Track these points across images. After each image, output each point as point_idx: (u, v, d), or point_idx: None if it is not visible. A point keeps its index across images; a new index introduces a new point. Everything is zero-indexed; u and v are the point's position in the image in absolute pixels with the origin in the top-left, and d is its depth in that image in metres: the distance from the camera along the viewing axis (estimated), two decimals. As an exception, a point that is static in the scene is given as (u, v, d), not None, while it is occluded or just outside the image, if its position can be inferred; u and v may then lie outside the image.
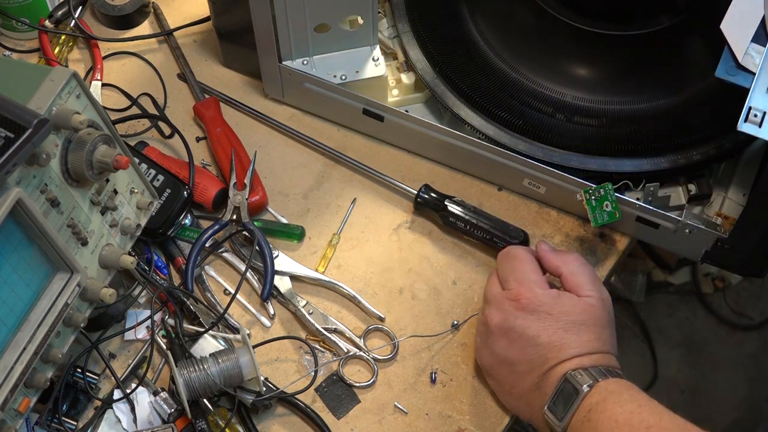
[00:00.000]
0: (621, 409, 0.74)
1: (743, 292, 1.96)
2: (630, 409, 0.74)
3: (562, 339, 0.81)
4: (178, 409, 0.87)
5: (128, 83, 1.11)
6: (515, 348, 0.83)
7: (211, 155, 1.05)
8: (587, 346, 0.81)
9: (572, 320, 0.82)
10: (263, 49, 1.01)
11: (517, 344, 0.83)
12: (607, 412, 0.75)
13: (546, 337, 0.81)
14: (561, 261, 0.87)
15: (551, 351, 0.81)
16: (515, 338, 0.83)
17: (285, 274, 0.96)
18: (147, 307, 0.94)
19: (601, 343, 0.82)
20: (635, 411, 0.74)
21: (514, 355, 0.83)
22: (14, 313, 0.74)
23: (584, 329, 0.82)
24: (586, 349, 0.81)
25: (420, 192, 0.99)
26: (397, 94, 1.06)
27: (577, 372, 0.79)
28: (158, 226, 0.95)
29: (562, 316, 0.82)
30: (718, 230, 0.91)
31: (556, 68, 1.01)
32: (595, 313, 0.83)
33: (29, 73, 0.76)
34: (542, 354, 0.81)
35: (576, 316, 0.82)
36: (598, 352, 0.81)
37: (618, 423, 0.74)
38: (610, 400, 0.76)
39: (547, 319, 0.82)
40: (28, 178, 0.72)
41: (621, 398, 0.76)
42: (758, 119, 0.79)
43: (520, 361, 0.83)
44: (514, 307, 0.84)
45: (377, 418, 0.90)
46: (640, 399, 0.76)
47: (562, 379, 0.79)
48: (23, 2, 1.11)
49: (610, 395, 0.76)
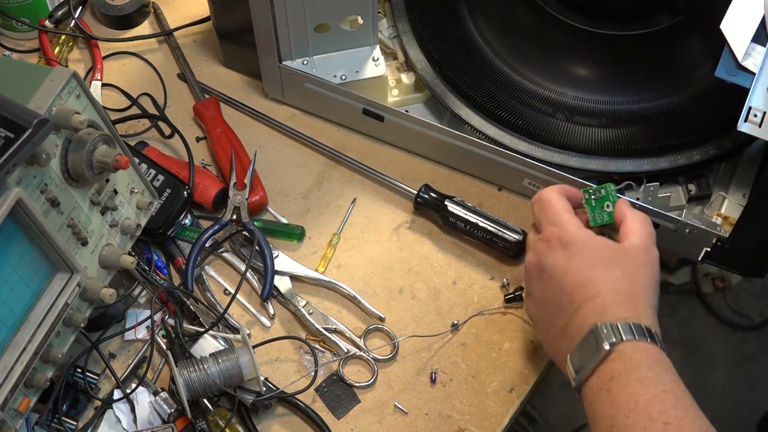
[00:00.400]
0: (644, 390, 0.69)
1: (743, 292, 1.96)
2: (653, 393, 0.69)
3: (588, 276, 0.77)
4: (178, 409, 0.87)
5: (128, 83, 1.11)
6: (547, 289, 0.81)
7: (211, 155, 1.05)
8: (613, 284, 0.76)
9: (601, 258, 0.78)
10: (263, 49, 1.01)
11: (548, 285, 0.80)
12: (629, 389, 0.70)
13: (572, 276, 0.78)
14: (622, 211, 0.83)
15: (577, 289, 0.77)
16: (546, 279, 0.80)
17: (285, 274, 0.96)
18: (147, 307, 0.94)
19: (632, 286, 0.76)
20: (658, 397, 0.69)
21: (547, 296, 0.81)
22: (14, 313, 0.74)
23: (613, 267, 0.77)
24: (611, 287, 0.76)
25: (420, 192, 0.99)
26: (397, 94, 1.06)
27: (604, 325, 0.73)
28: (158, 226, 0.95)
29: (592, 254, 0.78)
30: (718, 230, 0.91)
31: (556, 68, 1.01)
32: (631, 258, 0.78)
33: (29, 73, 0.76)
34: (569, 292, 0.78)
35: (607, 255, 0.78)
36: (626, 295, 0.76)
37: (637, 405, 0.69)
38: (634, 375, 0.70)
39: (576, 256, 0.79)
40: (28, 178, 0.72)
41: (646, 375, 0.70)
42: (758, 119, 0.79)
43: (551, 302, 0.80)
44: (545, 248, 0.81)
45: (377, 418, 0.90)
46: (666, 381, 0.70)
47: (588, 330, 0.74)
48: (23, 2, 1.11)
49: (634, 369, 0.71)
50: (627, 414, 0.69)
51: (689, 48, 1.00)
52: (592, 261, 0.78)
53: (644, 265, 0.79)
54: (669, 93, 0.99)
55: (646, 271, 0.79)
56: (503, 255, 0.97)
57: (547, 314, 0.81)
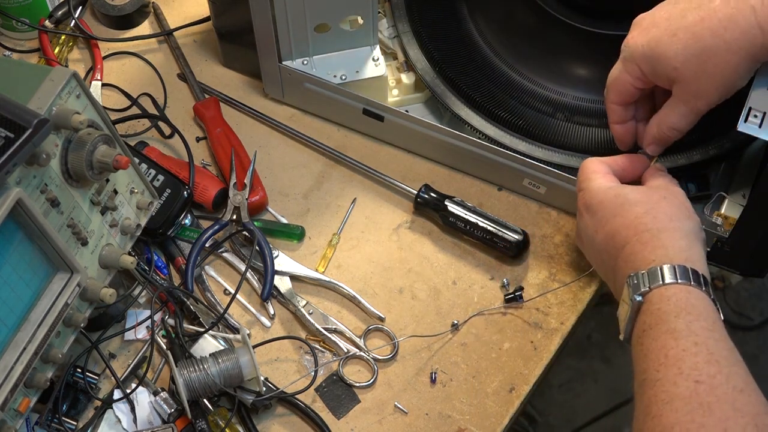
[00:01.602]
0: (674, 343, 0.67)
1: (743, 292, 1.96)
2: (684, 346, 0.66)
3: (613, 227, 0.77)
4: (178, 409, 0.87)
5: (128, 83, 1.11)
6: (591, 253, 0.82)
7: (211, 155, 1.05)
8: (636, 226, 0.75)
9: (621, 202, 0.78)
10: (263, 49, 1.01)
11: (590, 249, 0.82)
12: (659, 342, 0.68)
13: (601, 232, 0.78)
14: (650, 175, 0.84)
15: (609, 243, 0.77)
16: (587, 244, 0.82)
17: (285, 274, 0.96)
18: (147, 307, 0.94)
19: (656, 220, 0.75)
20: (690, 350, 0.66)
21: (594, 259, 0.82)
22: (14, 313, 0.74)
23: (632, 207, 0.77)
24: (634, 230, 0.75)
25: (420, 192, 0.99)
26: (397, 94, 1.06)
27: (634, 275, 0.72)
28: (158, 226, 0.95)
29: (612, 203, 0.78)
30: (718, 230, 0.91)
31: (556, 68, 1.01)
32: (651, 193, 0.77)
33: (29, 73, 0.76)
34: (604, 250, 0.78)
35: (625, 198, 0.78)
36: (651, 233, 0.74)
37: (667, 359, 0.66)
38: (663, 328, 0.68)
39: (598, 211, 0.79)
40: (28, 178, 0.72)
41: (675, 327, 0.67)
42: (758, 119, 0.79)
43: (598, 263, 0.81)
44: (578, 216, 0.83)
45: (377, 418, 0.90)
46: (697, 330, 0.67)
47: (625, 284, 0.73)
48: (23, 2, 1.11)
49: (663, 321, 0.68)
50: (657, 368, 0.67)
51: (689, 48, 1.00)
52: (614, 210, 0.78)
53: (666, 198, 0.78)
54: (669, 93, 0.99)
55: (670, 203, 0.77)
56: (503, 255, 0.97)
57: (605, 276, 0.81)
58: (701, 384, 0.64)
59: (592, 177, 0.83)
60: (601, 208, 0.79)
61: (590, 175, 0.83)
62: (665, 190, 0.79)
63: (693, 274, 0.71)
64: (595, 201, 0.80)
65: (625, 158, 0.86)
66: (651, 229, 0.74)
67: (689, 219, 0.77)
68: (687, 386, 0.64)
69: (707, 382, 0.64)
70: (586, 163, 0.85)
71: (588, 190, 0.81)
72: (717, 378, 0.64)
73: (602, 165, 0.84)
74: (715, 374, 0.65)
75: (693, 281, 0.70)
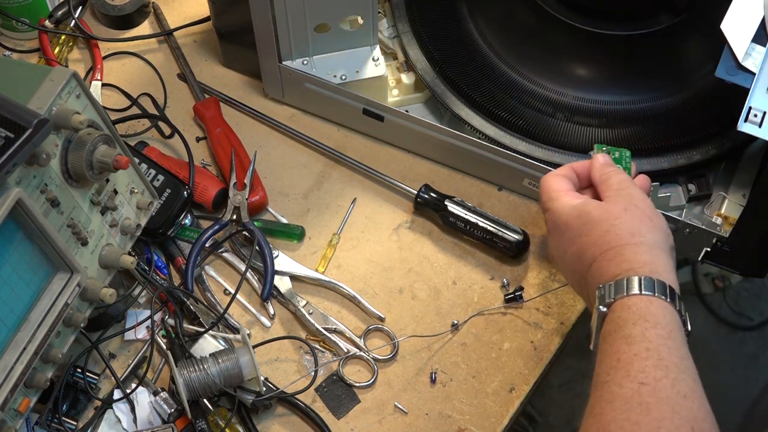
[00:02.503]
0: (627, 348, 0.68)
1: (743, 292, 1.96)
2: (636, 351, 0.67)
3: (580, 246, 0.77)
4: (178, 409, 0.87)
5: (128, 83, 1.11)
6: (565, 272, 0.82)
7: (211, 155, 1.05)
8: (600, 245, 0.75)
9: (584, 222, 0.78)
10: (263, 49, 1.01)
11: (562, 267, 0.82)
12: (614, 347, 0.69)
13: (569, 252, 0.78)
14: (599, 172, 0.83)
15: (577, 262, 0.77)
16: (559, 263, 0.82)
17: (285, 274, 0.96)
18: (147, 307, 0.94)
19: (618, 237, 0.75)
20: (641, 355, 0.67)
21: (568, 277, 0.82)
22: (14, 313, 0.74)
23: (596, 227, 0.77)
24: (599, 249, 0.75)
25: (420, 192, 0.99)
26: (397, 94, 1.06)
27: (600, 289, 0.73)
28: (158, 226, 0.95)
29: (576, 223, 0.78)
30: (718, 230, 0.91)
31: (556, 68, 1.01)
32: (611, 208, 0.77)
33: (29, 73, 0.76)
34: (574, 270, 0.79)
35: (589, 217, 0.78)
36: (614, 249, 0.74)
37: (618, 363, 0.67)
38: (620, 334, 0.69)
39: (566, 232, 0.79)
40: (28, 178, 0.72)
41: (631, 333, 0.69)
42: (758, 119, 0.79)
43: (572, 282, 0.81)
44: (548, 235, 0.83)
45: (377, 418, 0.90)
46: (652, 337, 0.68)
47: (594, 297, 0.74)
48: (23, 2, 1.11)
49: (621, 328, 0.69)
50: (607, 371, 0.68)
51: (689, 48, 1.00)
52: (579, 230, 0.78)
53: (627, 210, 0.77)
54: (669, 93, 0.99)
55: (631, 214, 0.77)
56: (503, 255, 0.97)
57: (579, 291, 0.81)
58: (645, 386, 0.65)
59: (555, 196, 0.82)
60: (567, 229, 0.79)
61: (553, 195, 0.82)
62: (626, 200, 0.78)
63: (658, 284, 0.71)
64: (561, 222, 0.80)
65: (579, 165, 0.85)
66: (615, 247, 0.75)
67: (652, 231, 0.76)
68: (631, 387, 0.65)
69: (651, 384, 0.65)
70: (547, 181, 0.84)
71: (553, 211, 0.81)
72: (662, 381, 0.65)
73: (562, 181, 0.83)
74: (661, 378, 0.65)
75: (657, 292, 0.71)
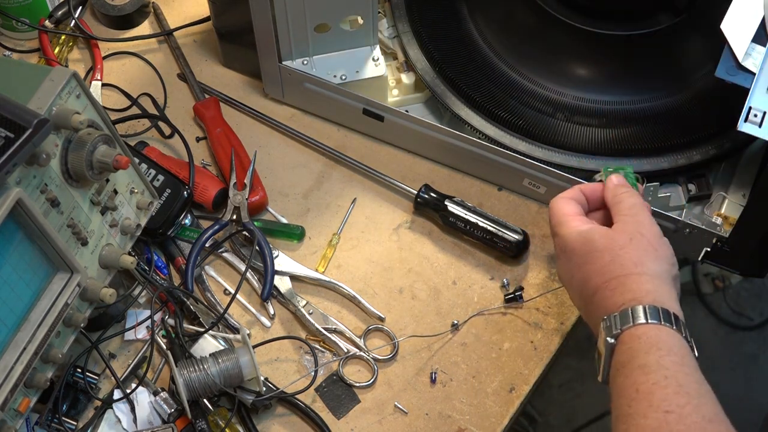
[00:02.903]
0: (644, 378, 0.68)
1: (743, 292, 1.96)
2: (654, 380, 0.67)
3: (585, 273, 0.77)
4: (178, 409, 0.87)
5: (128, 83, 1.11)
6: (573, 297, 0.82)
7: (211, 155, 1.05)
8: (604, 275, 0.75)
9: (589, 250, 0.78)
10: (263, 49, 1.01)
11: (571, 292, 0.81)
12: (631, 378, 0.69)
13: (577, 277, 0.78)
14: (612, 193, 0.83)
15: (583, 289, 0.77)
16: (568, 288, 0.82)
17: (285, 274, 0.96)
18: (147, 307, 0.94)
19: (622, 267, 0.75)
20: (660, 383, 0.67)
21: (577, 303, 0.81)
22: (14, 313, 0.74)
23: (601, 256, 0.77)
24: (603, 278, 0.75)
25: (420, 192, 0.99)
26: (397, 94, 1.06)
27: (605, 320, 0.73)
28: (158, 226, 0.95)
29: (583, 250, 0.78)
30: (718, 230, 0.91)
31: (556, 68, 1.01)
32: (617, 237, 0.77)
33: (29, 73, 0.76)
34: (581, 296, 0.78)
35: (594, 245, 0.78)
36: (618, 280, 0.74)
37: (638, 394, 0.67)
38: (635, 364, 0.69)
39: (573, 257, 0.79)
40: (28, 178, 0.72)
41: (646, 362, 0.69)
42: (758, 119, 0.79)
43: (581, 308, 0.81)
44: (557, 259, 0.83)
45: (377, 418, 0.90)
46: (668, 365, 0.68)
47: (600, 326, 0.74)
48: (23, 2, 1.11)
49: (634, 358, 0.69)
50: (629, 403, 0.68)
51: (689, 48, 1.00)
52: (584, 257, 0.78)
53: (633, 239, 0.77)
54: (669, 93, 0.99)
55: (636, 244, 0.77)
56: (503, 255, 0.97)
57: (585, 315, 0.80)
58: (671, 414, 0.65)
59: (563, 221, 0.82)
60: (574, 255, 0.79)
61: (561, 219, 0.82)
62: (633, 227, 0.78)
63: (663, 313, 0.72)
64: (568, 247, 0.80)
65: (589, 187, 0.85)
66: (618, 276, 0.75)
67: (656, 261, 0.76)
68: (656, 417, 0.66)
69: (676, 411, 0.65)
70: (555, 205, 0.84)
71: (561, 236, 0.81)
72: (686, 408, 0.66)
73: (571, 205, 0.83)
74: (684, 405, 0.66)
75: (663, 320, 0.71)
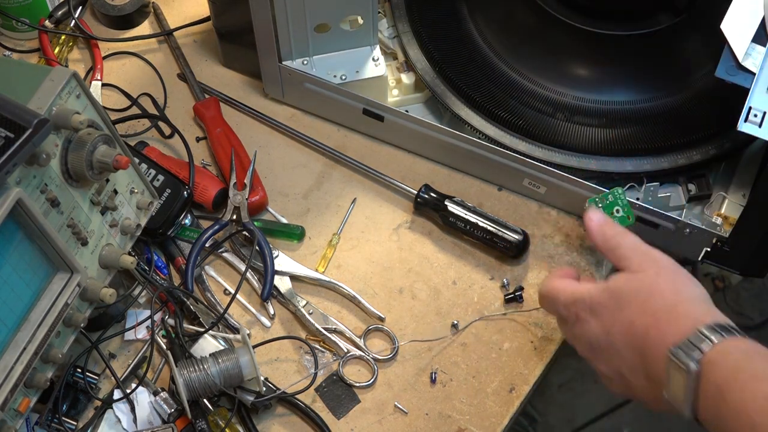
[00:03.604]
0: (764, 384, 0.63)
1: (743, 292, 1.96)
2: None
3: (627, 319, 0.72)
4: (178, 409, 0.87)
5: (128, 83, 1.11)
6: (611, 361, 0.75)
7: (211, 155, 1.05)
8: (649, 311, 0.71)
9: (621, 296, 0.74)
10: (263, 49, 1.01)
11: (608, 356, 0.75)
12: (748, 391, 0.63)
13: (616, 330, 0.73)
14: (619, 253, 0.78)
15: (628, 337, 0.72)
16: (602, 352, 0.76)
17: (285, 274, 0.96)
18: (147, 307, 0.94)
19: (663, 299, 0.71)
20: None
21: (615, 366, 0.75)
22: (14, 313, 0.74)
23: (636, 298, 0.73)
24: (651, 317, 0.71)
25: (420, 192, 0.99)
26: (397, 94, 1.06)
27: (677, 348, 0.67)
28: (158, 226, 0.95)
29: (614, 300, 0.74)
30: (718, 230, 0.91)
31: (556, 68, 1.01)
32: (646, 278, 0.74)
33: (29, 73, 0.76)
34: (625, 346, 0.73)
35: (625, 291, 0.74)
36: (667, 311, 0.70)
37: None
38: (742, 376, 0.64)
39: (605, 312, 0.74)
40: (28, 178, 0.72)
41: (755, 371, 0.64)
42: (758, 119, 0.79)
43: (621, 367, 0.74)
44: (580, 329, 0.77)
45: (377, 418, 0.90)
46: None
47: (666, 363, 0.68)
48: (23, 2, 1.11)
49: (738, 370, 0.65)
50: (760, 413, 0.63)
51: (689, 48, 1.00)
52: (617, 305, 0.74)
53: (659, 273, 0.74)
54: (669, 93, 0.99)
55: (665, 276, 0.74)
56: (503, 255, 0.97)
57: (629, 381, 0.75)
58: None
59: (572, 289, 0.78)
60: (604, 309, 0.75)
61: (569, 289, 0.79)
62: (652, 263, 0.75)
63: (728, 327, 0.69)
64: (595, 305, 0.76)
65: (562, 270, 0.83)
66: (666, 309, 0.72)
67: (689, 285, 0.74)
68: None
69: None
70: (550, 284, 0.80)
71: (582, 299, 0.77)
72: None
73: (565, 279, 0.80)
74: None
75: (735, 331, 0.69)
